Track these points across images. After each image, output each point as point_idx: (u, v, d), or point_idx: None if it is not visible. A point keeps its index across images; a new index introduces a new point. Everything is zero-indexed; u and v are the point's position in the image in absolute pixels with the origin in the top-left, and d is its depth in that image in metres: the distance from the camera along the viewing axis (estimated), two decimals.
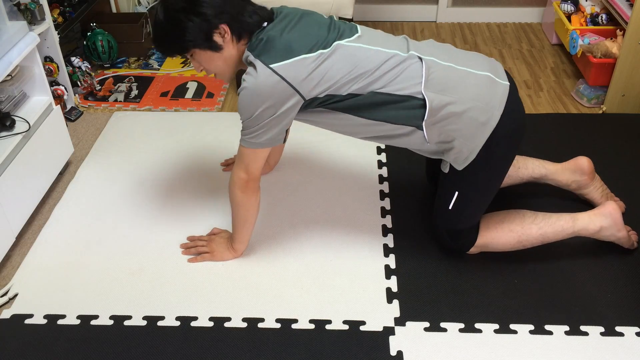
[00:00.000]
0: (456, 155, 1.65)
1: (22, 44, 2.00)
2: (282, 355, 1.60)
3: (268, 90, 1.52)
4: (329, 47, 1.55)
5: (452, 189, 1.74)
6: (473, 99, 1.58)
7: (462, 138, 1.61)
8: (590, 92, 2.69)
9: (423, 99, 1.57)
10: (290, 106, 1.56)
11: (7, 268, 1.91)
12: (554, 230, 1.79)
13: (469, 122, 1.59)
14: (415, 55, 1.60)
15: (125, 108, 2.76)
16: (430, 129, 1.61)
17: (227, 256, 1.90)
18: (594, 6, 2.86)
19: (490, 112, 1.59)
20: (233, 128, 2.55)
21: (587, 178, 1.99)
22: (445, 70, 1.59)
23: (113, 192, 2.21)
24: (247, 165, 1.67)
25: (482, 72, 1.63)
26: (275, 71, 1.51)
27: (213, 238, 1.95)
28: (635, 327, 1.66)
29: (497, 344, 1.63)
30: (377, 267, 1.87)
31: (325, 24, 1.61)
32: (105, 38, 3.01)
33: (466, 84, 1.59)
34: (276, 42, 1.53)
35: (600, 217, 1.80)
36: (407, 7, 3.58)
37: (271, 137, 1.61)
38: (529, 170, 2.01)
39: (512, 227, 1.80)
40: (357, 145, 2.42)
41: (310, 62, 1.53)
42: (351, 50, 1.57)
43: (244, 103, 1.55)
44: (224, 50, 1.59)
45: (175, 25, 1.54)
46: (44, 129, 2.11)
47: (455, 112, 1.58)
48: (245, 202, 1.76)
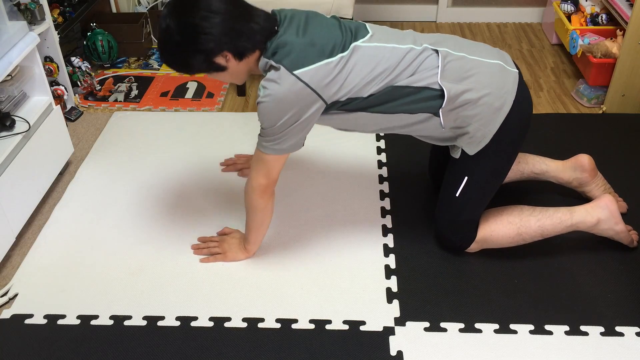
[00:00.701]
0: (470, 139, 1.68)
1: (22, 44, 2.00)
2: (282, 355, 1.60)
3: (293, 97, 1.50)
4: (347, 49, 1.55)
5: (462, 175, 1.75)
6: (487, 85, 1.62)
7: (477, 123, 1.64)
8: (590, 92, 2.69)
9: (440, 89, 1.60)
10: (313, 112, 1.56)
11: (7, 268, 1.91)
12: (552, 222, 1.79)
13: (485, 108, 1.62)
14: (430, 47, 1.62)
15: (125, 108, 2.76)
16: (446, 115, 1.64)
17: (240, 257, 1.89)
18: (594, 6, 2.86)
19: (503, 97, 1.63)
20: (233, 128, 2.55)
21: (587, 175, 2.00)
22: (459, 60, 1.62)
23: (113, 192, 2.21)
24: (268, 171, 1.66)
25: (493, 61, 1.66)
26: (299, 77, 1.49)
27: (225, 238, 1.94)
28: (635, 327, 1.66)
29: (497, 344, 1.63)
30: (377, 267, 1.87)
31: (335, 25, 1.60)
32: (105, 38, 3.01)
33: (480, 72, 1.63)
34: (295, 47, 1.51)
35: (597, 209, 1.81)
36: (407, 7, 3.58)
37: (294, 143, 1.61)
38: (529, 165, 2.03)
39: (511, 219, 1.81)
40: (357, 145, 2.42)
41: (332, 66, 1.52)
42: (369, 51, 1.57)
43: (268, 110, 1.53)
44: (229, 68, 1.58)
45: (177, 59, 1.56)
46: (44, 129, 2.11)
47: (471, 99, 1.61)
48: (263, 206, 1.75)
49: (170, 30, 1.49)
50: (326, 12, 2.61)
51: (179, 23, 1.48)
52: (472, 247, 1.86)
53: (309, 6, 2.56)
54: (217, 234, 1.99)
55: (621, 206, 2.04)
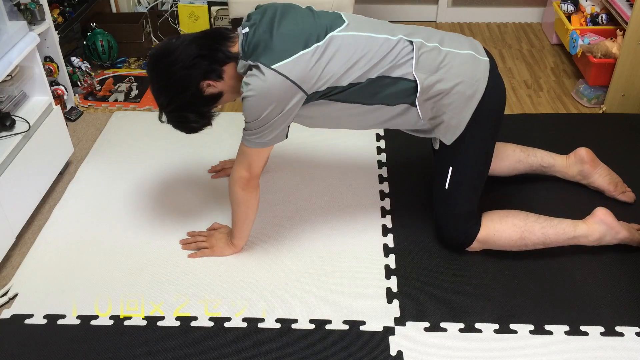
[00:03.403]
0: (445, 128, 1.72)
1: (22, 44, 2.00)
2: (282, 355, 1.60)
3: (274, 91, 1.54)
4: (322, 39, 1.58)
5: (446, 166, 1.78)
6: (460, 75, 1.66)
7: (451, 112, 1.68)
8: (590, 92, 2.69)
9: (414, 80, 1.63)
10: (294, 104, 1.58)
11: (7, 268, 1.91)
12: (556, 232, 1.80)
13: (457, 96, 1.67)
14: (405, 38, 1.65)
15: (125, 108, 2.76)
16: (423, 105, 1.68)
17: (227, 252, 1.91)
18: (594, 6, 2.86)
19: (475, 85, 1.67)
20: (233, 128, 2.55)
21: (588, 166, 2.06)
22: (432, 51, 1.66)
23: (113, 192, 2.21)
24: (250, 164, 1.70)
25: (465, 51, 1.70)
26: (277, 71, 1.52)
27: (213, 233, 1.96)
28: (635, 327, 1.66)
29: (497, 344, 1.63)
30: (377, 267, 1.87)
31: (308, 15, 1.64)
32: (105, 38, 3.01)
33: (452, 62, 1.67)
34: (270, 42, 1.56)
35: (594, 226, 1.83)
36: (407, 7, 3.58)
37: (276, 136, 1.65)
38: (538, 158, 2.10)
39: (516, 222, 1.82)
40: (356, 144, 2.42)
41: (309, 57, 1.55)
42: (346, 40, 1.60)
43: (251, 106, 1.56)
44: (223, 89, 1.66)
45: (178, 119, 1.71)
46: (44, 129, 2.11)
47: (444, 89, 1.65)
48: (246, 199, 1.78)
49: (155, 93, 1.66)
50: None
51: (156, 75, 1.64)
52: (473, 246, 1.85)
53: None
54: (206, 230, 2.00)
55: (629, 196, 2.07)
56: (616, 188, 2.07)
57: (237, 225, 1.85)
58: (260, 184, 1.79)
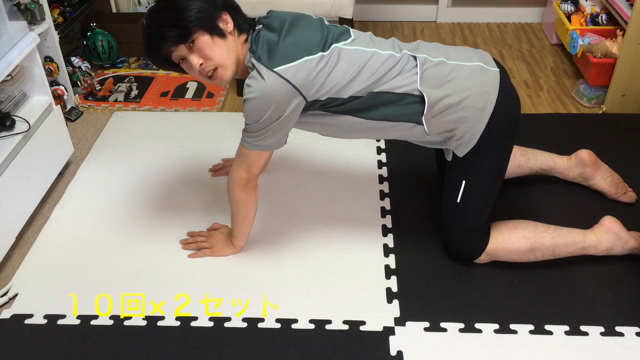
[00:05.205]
0: (458, 142, 1.68)
1: (22, 44, 2.00)
2: (282, 355, 1.60)
3: (275, 94, 1.53)
4: (327, 49, 1.57)
5: (459, 179, 1.74)
6: (467, 88, 1.63)
7: (463, 126, 1.65)
8: (590, 92, 2.69)
9: (420, 95, 1.61)
10: (293, 108, 1.57)
11: (7, 268, 1.91)
12: (565, 242, 1.78)
13: (468, 110, 1.63)
14: (408, 54, 1.63)
15: (125, 108, 2.76)
16: (429, 122, 1.65)
17: (227, 252, 1.91)
18: (594, 6, 2.86)
19: (485, 97, 1.64)
20: (233, 128, 2.55)
21: (590, 169, 2.06)
22: (437, 65, 1.63)
23: (113, 192, 2.21)
24: (249, 165, 1.69)
25: (472, 63, 1.67)
26: (279, 74, 1.52)
27: (212, 233, 1.96)
28: (635, 327, 1.66)
29: (497, 344, 1.63)
30: (377, 267, 1.87)
31: (317, 27, 1.63)
32: (105, 38, 3.01)
33: (459, 76, 1.64)
34: (276, 45, 1.55)
35: (604, 235, 1.81)
36: (407, 7, 3.58)
37: (276, 141, 1.64)
38: (538, 161, 2.08)
39: (525, 233, 1.79)
40: (357, 145, 2.42)
41: (313, 64, 1.54)
42: (350, 53, 1.59)
43: (252, 107, 1.55)
44: (228, 39, 1.60)
45: (178, 3, 1.53)
46: (44, 129, 2.11)
47: (452, 103, 1.62)
48: (245, 200, 1.78)
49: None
50: (326, 12, 2.61)
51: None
52: (482, 258, 1.83)
53: (308, 6, 2.57)
54: (206, 230, 2.00)
55: (630, 197, 2.07)
56: (617, 190, 2.06)
57: (236, 225, 1.86)
58: (260, 184, 1.80)
